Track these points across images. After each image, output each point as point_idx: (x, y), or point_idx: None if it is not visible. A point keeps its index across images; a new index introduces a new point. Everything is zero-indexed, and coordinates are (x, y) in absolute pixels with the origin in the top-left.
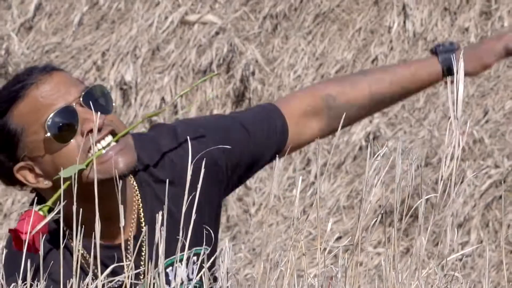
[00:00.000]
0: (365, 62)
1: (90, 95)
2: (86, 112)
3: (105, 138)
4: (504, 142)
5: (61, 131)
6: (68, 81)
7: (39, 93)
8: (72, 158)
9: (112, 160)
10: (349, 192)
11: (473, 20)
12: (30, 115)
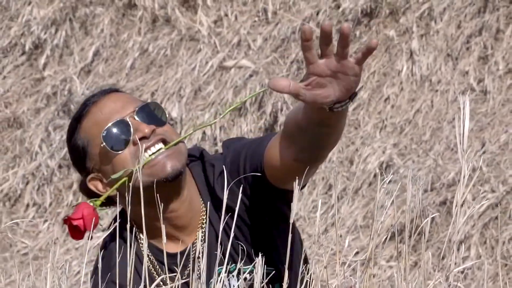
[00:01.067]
0: (378, 101)
1: (143, 109)
2: (139, 124)
3: (155, 146)
4: (499, 170)
5: (115, 142)
6: (125, 99)
7: (98, 110)
8: (126, 166)
9: (160, 163)
10: (365, 213)
11: (472, 65)
12: (92, 129)
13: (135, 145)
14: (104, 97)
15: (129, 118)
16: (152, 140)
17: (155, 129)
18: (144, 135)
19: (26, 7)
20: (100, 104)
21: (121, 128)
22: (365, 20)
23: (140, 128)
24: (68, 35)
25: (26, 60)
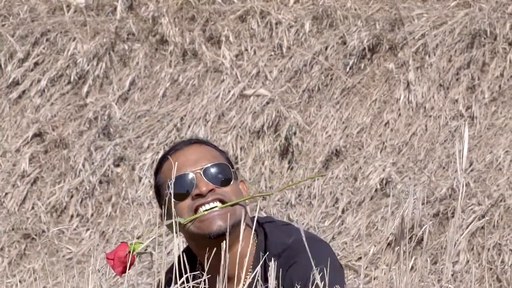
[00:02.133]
0: (379, 125)
1: (210, 169)
2: (201, 181)
3: (210, 203)
4: (485, 186)
5: (179, 191)
6: (201, 154)
7: (175, 158)
8: (182, 215)
9: (210, 220)
10: (368, 223)
11: (461, 93)
12: (167, 174)
13: (193, 199)
14: (186, 147)
15: (196, 173)
16: (208, 198)
17: (214, 189)
18: (201, 193)
19: (71, 42)
20: (180, 153)
21: (186, 181)
22: (368, 54)
23: (200, 186)
24: (107, 67)
25: (71, 89)
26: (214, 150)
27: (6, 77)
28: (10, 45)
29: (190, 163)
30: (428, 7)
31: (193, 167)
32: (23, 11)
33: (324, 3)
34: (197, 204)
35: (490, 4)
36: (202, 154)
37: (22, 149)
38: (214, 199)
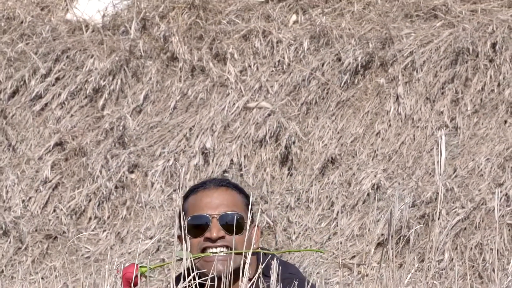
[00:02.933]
0: (371, 135)
1: (226, 217)
2: (216, 226)
3: (217, 248)
4: (467, 190)
5: (193, 229)
6: (224, 199)
7: (200, 196)
8: (192, 249)
9: (211, 262)
10: (360, 225)
11: (446, 106)
12: (190, 207)
13: (204, 240)
14: (214, 188)
15: (213, 218)
16: (217, 243)
17: (224, 236)
18: (211, 238)
19: (89, 59)
20: (206, 193)
21: (203, 222)
22: (361, 70)
23: (212, 231)
24: (122, 82)
25: (89, 102)
26: (238, 196)
27: (30, 91)
28: (34, 62)
29: (213, 205)
30: (415, 27)
31: (212, 210)
32: (45, 30)
33: (321, 24)
34: (205, 245)
35: (472, 25)
36: (225, 200)
37: (44, 157)
38: (222, 245)
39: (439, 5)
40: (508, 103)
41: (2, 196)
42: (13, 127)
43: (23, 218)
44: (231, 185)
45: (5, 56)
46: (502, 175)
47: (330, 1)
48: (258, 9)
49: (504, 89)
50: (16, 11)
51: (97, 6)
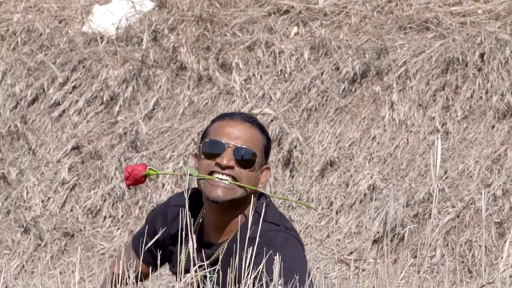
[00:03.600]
0: (367, 139)
1: (240, 150)
2: (229, 155)
3: (223, 175)
4: (458, 191)
5: (207, 151)
6: (245, 133)
7: (224, 124)
8: (200, 169)
9: (215, 187)
10: (358, 223)
11: (438, 112)
12: (212, 131)
13: (214, 164)
14: (240, 121)
15: (228, 147)
16: (224, 171)
17: (233, 167)
18: (220, 165)
19: (104, 68)
20: (230, 123)
21: (219, 148)
22: (358, 79)
23: (224, 158)
24: (135, 90)
25: (104, 108)
26: (259, 135)
27: (49, 98)
28: (52, 71)
29: (232, 136)
30: (409, 38)
31: (231, 140)
32: (63, 42)
33: (320, 35)
34: (213, 169)
35: (462, 36)
36: (245, 134)
37: (62, 160)
38: (228, 174)
39: (430, 18)
40: (495, 109)
41: (23, 197)
42: (33, 132)
43: (43, 217)
44: (256, 124)
45: (26, 66)
46: (490, 177)
47: (328, 14)
48: (262, 21)
49: (491, 96)
50: (35, 24)
51: (111, 19)
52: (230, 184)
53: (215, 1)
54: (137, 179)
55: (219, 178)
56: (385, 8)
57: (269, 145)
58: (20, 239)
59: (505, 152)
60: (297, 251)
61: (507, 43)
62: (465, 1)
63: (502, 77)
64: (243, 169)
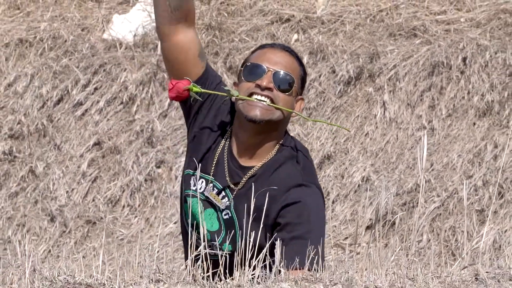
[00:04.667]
0: (361, 135)
1: (280, 74)
2: (269, 78)
3: (263, 97)
4: (442, 182)
5: (248, 73)
6: (284, 60)
7: (265, 51)
8: (241, 91)
9: (253, 107)
10: (352, 211)
11: (424, 111)
12: (255, 56)
13: (254, 86)
14: (280, 51)
15: (269, 70)
16: (264, 92)
17: (272, 89)
18: (261, 86)
19: (123, 72)
20: (272, 50)
21: (260, 71)
22: (352, 81)
23: (264, 80)
24: (151, 91)
25: (123, 108)
26: (297, 65)
27: (72, 99)
28: (76, 74)
29: (273, 61)
30: (398, 44)
31: (271, 65)
32: (85, 48)
33: (318, 41)
34: (253, 91)
35: (446, 42)
36: (285, 61)
37: (85, 154)
38: (267, 96)
39: (418, 25)
40: (476, 108)
41: (49, 188)
42: (58, 130)
43: (67, 206)
44: (295, 54)
45: (52, 69)
46: (471, 169)
47: (325, 23)
48: (265, 29)
49: (473, 96)
50: (60, 32)
51: (129, 27)
52: (268, 105)
53: (223, 11)
54: (180, 92)
55: (258, 99)
56: (377, 17)
57: (305, 77)
58: (47, 227)
59: (485, 147)
60: (322, 213)
61: (486, 48)
62: (449, 10)
63: (482, 79)
64: (281, 93)
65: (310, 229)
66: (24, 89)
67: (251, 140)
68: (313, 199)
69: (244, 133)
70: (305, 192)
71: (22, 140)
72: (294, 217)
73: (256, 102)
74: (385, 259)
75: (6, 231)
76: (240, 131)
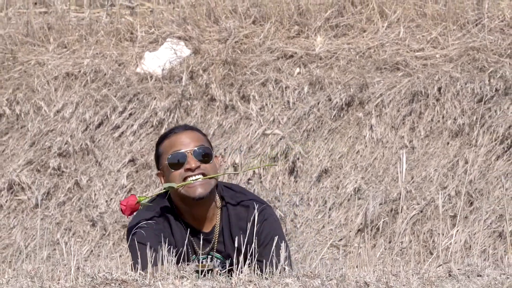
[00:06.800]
0: (353, 153)
1: (198, 150)
2: (192, 159)
3: (196, 176)
4: (421, 192)
5: (173, 164)
6: (193, 137)
7: (174, 139)
8: (174, 180)
9: (194, 187)
10: (345, 217)
11: (406, 132)
12: (166, 148)
13: (185, 171)
14: (182, 132)
15: (188, 152)
16: (195, 172)
17: (199, 165)
18: (191, 168)
19: (153, 100)
20: (177, 136)
21: (180, 157)
22: (345, 107)
23: (190, 162)
24: (177, 116)
25: (153, 130)
26: (200, 135)
27: (111, 123)
28: (113, 102)
29: (185, 143)
30: (384, 76)
31: (186, 147)
32: (122, 80)
33: (316, 74)
34: (187, 175)
35: (424, 74)
36: (192, 138)
37: (121, 169)
38: (199, 173)
39: (400, 61)
40: (449, 130)
41: (91, 198)
42: (99, 148)
43: (106, 213)
44: (194, 128)
45: (93, 98)
46: (446, 181)
47: (323, 58)
48: (272, 64)
49: (447, 120)
50: (101, 66)
51: (158, 63)
52: (205, 180)
53: (237, 49)
54: (134, 208)
55: (194, 179)
56: (366, 54)
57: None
58: (89, 230)
59: (457, 163)
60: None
61: (458, 79)
62: (426, 48)
63: (454, 105)
64: (207, 164)
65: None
66: (71, 115)
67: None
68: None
69: (197, 209)
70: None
71: (69, 158)
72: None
73: (194, 183)
74: (373, 258)
75: (55, 234)
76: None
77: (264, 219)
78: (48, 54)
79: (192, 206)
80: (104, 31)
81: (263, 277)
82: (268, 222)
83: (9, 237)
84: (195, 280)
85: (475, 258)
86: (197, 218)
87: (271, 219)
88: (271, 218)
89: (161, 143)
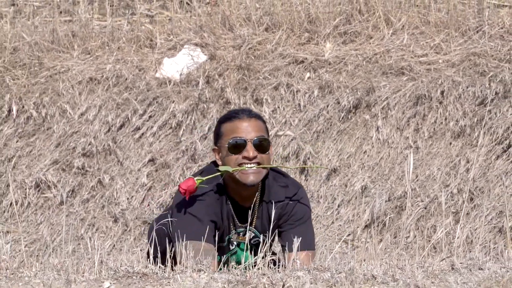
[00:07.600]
0: (360, 153)
1: (258, 140)
2: (251, 148)
3: (251, 164)
4: (425, 190)
5: (233, 148)
6: (256, 126)
7: (237, 124)
8: (230, 163)
9: (248, 175)
10: (353, 213)
11: (411, 133)
12: (228, 131)
13: (241, 157)
14: (246, 119)
15: (248, 141)
16: (252, 161)
17: (257, 155)
18: (248, 156)
19: (172, 103)
20: (240, 122)
21: (241, 144)
22: (353, 110)
23: (249, 151)
24: (194, 119)
25: (172, 132)
26: (262, 124)
27: (132, 125)
28: (134, 105)
29: (247, 131)
30: (390, 80)
31: (247, 135)
32: (142, 84)
33: (325, 79)
34: (243, 162)
35: (427, 78)
36: (254, 127)
37: (141, 169)
38: (255, 162)
39: (405, 66)
40: (452, 131)
41: (113, 195)
42: (121, 149)
43: (128, 210)
44: (257, 116)
45: (115, 101)
46: (448, 179)
47: (332, 63)
48: (284, 69)
49: (449, 122)
50: (122, 72)
51: (176, 68)
52: (258, 169)
53: (250, 55)
54: (192, 191)
55: (249, 167)
56: (373, 59)
57: (266, 124)
58: (112, 226)
59: (459, 162)
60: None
61: (460, 83)
62: (430, 53)
63: (456, 108)
64: (263, 154)
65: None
66: (94, 117)
67: (250, 193)
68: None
69: (245, 191)
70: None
71: (92, 158)
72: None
73: (248, 170)
74: (380, 252)
75: (80, 230)
76: (241, 191)
77: (300, 198)
78: (73, 60)
79: (242, 189)
80: (125, 38)
81: (276, 271)
82: (303, 201)
83: (36, 233)
84: (212, 274)
85: (476, 253)
86: (243, 196)
87: (305, 200)
88: (305, 199)
89: (224, 123)
